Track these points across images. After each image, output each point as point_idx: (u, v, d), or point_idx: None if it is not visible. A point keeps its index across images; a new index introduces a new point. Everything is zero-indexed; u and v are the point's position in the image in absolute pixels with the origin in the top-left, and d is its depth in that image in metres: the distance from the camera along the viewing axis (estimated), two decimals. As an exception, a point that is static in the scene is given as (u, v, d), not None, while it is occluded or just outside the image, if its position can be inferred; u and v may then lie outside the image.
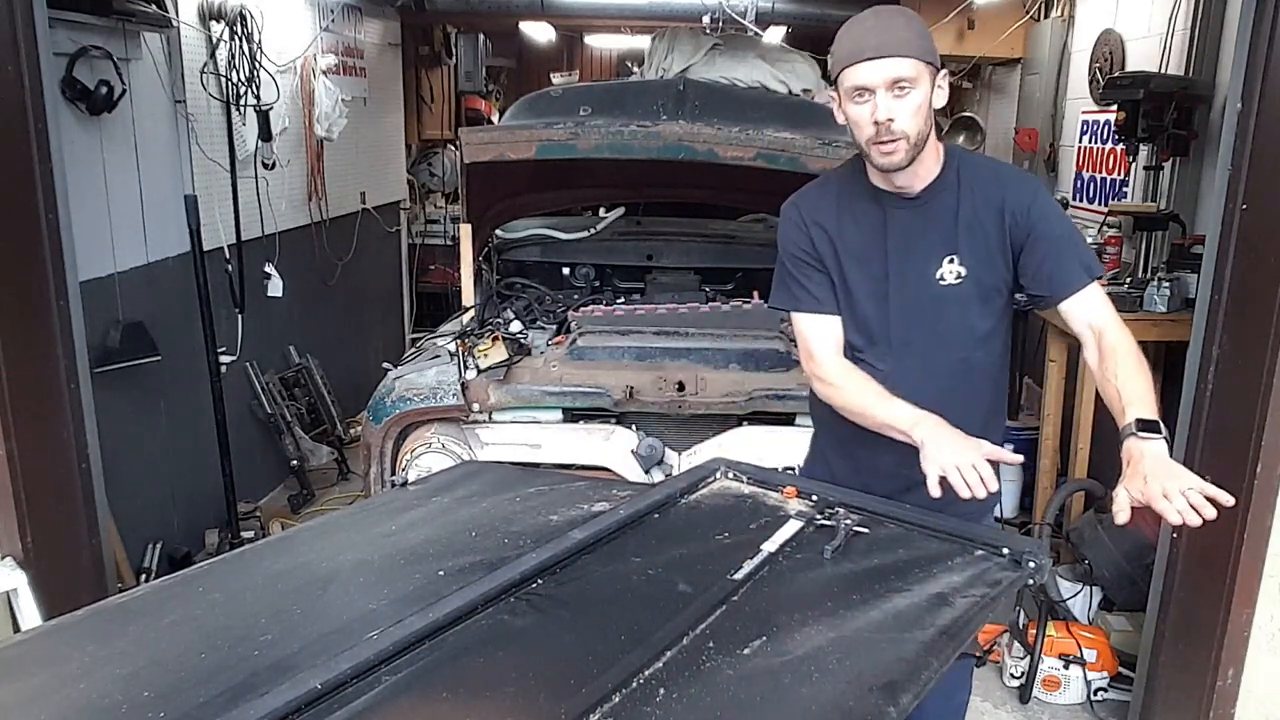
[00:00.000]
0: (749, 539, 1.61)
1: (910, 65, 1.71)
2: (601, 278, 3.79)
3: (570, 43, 9.76)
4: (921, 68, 1.72)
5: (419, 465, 2.68)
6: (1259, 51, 2.24)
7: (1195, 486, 1.54)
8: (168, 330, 3.59)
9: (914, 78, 1.71)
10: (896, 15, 1.77)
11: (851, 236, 1.91)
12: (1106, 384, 1.73)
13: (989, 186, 1.86)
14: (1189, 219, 3.67)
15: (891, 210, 1.88)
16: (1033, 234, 1.81)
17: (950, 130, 5.84)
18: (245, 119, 4.11)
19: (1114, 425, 1.69)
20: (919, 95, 1.73)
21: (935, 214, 1.86)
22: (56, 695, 1.23)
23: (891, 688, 1.18)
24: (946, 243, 1.85)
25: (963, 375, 1.92)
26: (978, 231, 1.84)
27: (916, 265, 1.87)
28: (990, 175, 1.90)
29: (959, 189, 1.85)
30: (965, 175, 1.87)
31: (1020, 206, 1.82)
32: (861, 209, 1.90)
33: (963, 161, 1.90)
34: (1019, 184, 1.88)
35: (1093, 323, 1.80)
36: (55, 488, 2.35)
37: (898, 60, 1.70)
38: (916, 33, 1.75)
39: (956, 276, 1.85)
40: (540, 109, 3.39)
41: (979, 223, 1.84)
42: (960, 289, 1.86)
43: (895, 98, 1.71)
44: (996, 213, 1.83)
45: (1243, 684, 2.41)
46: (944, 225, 1.85)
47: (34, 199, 2.23)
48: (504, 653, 1.30)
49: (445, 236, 7.07)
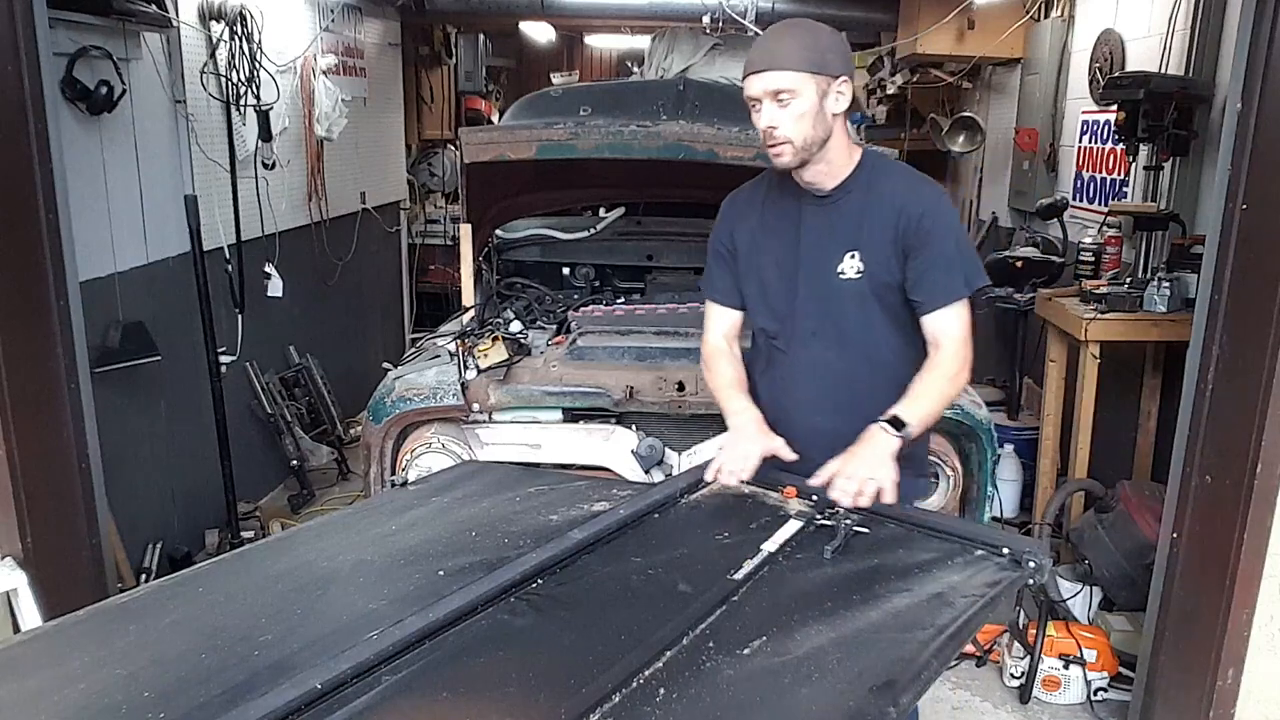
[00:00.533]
0: (749, 539, 1.61)
1: (790, 78, 1.86)
2: (601, 278, 3.78)
3: (570, 43, 9.76)
4: (804, 79, 1.87)
5: (419, 465, 2.68)
6: (1259, 51, 2.24)
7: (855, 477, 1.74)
8: (168, 330, 3.59)
9: (794, 89, 1.87)
10: (789, 31, 1.94)
11: (771, 229, 2.07)
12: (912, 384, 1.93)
13: (893, 190, 1.98)
14: (1189, 219, 3.67)
15: (805, 207, 2.02)
16: (920, 243, 1.94)
17: (950, 130, 5.84)
18: (245, 119, 4.11)
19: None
20: (801, 104, 1.88)
21: (842, 211, 1.99)
22: (56, 695, 1.23)
23: (891, 688, 1.18)
24: (849, 239, 1.98)
25: (863, 370, 2.04)
26: (877, 231, 1.96)
27: (821, 259, 2.00)
28: (897, 180, 2.02)
29: (867, 190, 1.98)
30: (875, 178, 2.00)
31: (914, 213, 1.94)
32: (783, 204, 2.06)
33: (876, 165, 2.03)
34: (919, 192, 1.99)
35: (938, 337, 1.95)
36: (55, 488, 2.35)
37: (776, 73, 1.87)
38: (804, 46, 1.89)
39: (856, 272, 1.98)
40: (540, 109, 3.39)
41: (879, 223, 1.96)
42: (858, 284, 1.98)
43: (779, 107, 1.88)
44: (894, 215, 1.95)
45: (1243, 684, 2.41)
46: (848, 223, 1.99)
47: (34, 199, 2.23)
48: (504, 653, 1.31)
49: (445, 236, 7.08)
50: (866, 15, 5.94)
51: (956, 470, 2.70)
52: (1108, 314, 3.53)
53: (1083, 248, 4.09)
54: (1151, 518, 3.14)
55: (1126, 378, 3.88)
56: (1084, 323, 3.52)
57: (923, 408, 1.88)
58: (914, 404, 1.87)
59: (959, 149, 5.87)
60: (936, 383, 1.93)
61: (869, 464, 1.76)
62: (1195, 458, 2.46)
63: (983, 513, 2.79)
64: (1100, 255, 4.02)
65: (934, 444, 2.69)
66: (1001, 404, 4.68)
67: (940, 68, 5.83)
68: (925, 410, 1.89)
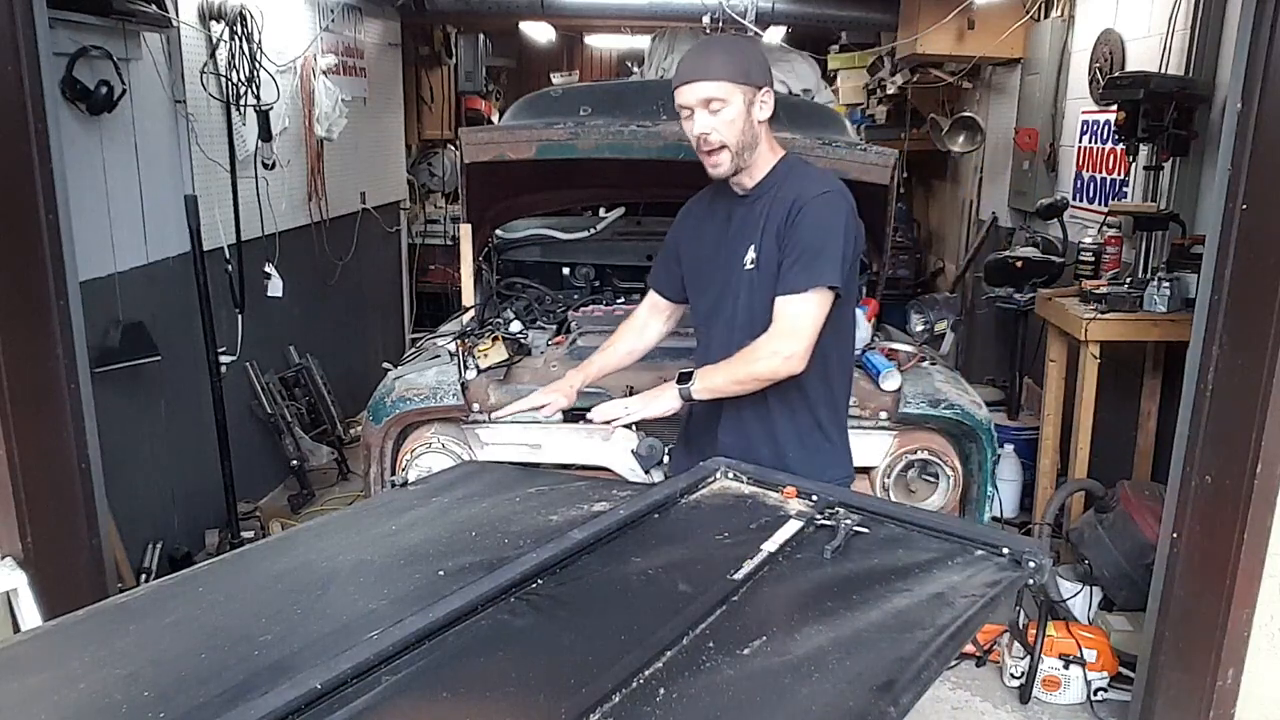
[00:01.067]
0: (749, 539, 1.61)
1: (716, 87, 1.98)
2: (601, 278, 3.78)
3: (570, 43, 9.77)
4: (732, 88, 1.99)
5: (419, 465, 2.68)
6: (1259, 51, 2.24)
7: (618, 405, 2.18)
8: (168, 330, 3.59)
9: (723, 96, 1.99)
10: (717, 44, 2.14)
11: (705, 227, 2.25)
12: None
13: (794, 188, 2.07)
14: (1189, 219, 3.67)
15: (731, 206, 2.18)
16: (789, 233, 2.04)
17: (950, 130, 5.84)
18: (245, 119, 4.11)
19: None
20: (731, 110, 2.00)
21: (754, 209, 2.12)
22: (56, 695, 1.23)
23: (891, 688, 1.18)
24: (751, 234, 2.11)
25: None
26: (771, 225, 2.07)
27: (733, 254, 2.14)
28: (801, 180, 2.10)
29: (776, 190, 2.09)
30: (787, 178, 2.10)
31: (796, 207, 2.03)
32: (720, 204, 2.22)
33: (793, 168, 2.14)
34: (808, 189, 2.06)
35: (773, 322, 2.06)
36: (55, 488, 2.35)
37: (705, 83, 1.99)
38: (731, 59, 2.02)
39: (751, 262, 2.11)
40: (540, 109, 3.39)
41: (775, 218, 2.07)
42: (753, 274, 2.10)
43: (710, 114, 2.00)
44: (786, 207, 2.06)
45: (1243, 684, 2.41)
46: (755, 219, 2.11)
47: (34, 199, 2.23)
48: (504, 653, 1.30)
49: (445, 236, 7.07)
50: (866, 15, 5.94)
51: (956, 470, 2.70)
52: (1108, 314, 3.54)
53: (1083, 248, 4.09)
54: (1151, 518, 3.14)
55: (1126, 378, 3.88)
56: (1084, 323, 3.52)
57: (714, 375, 2.09)
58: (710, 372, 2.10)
59: (959, 149, 5.87)
60: (736, 364, 2.07)
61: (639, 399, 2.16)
62: (1195, 458, 2.46)
63: (983, 513, 2.79)
64: (1100, 255, 4.02)
65: (934, 444, 2.70)
66: (1001, 404, 4.68)
67: (940, 68, 5.83)
68: (715, 378, 2.09)
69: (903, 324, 5.71)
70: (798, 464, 2.12)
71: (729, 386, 2.09)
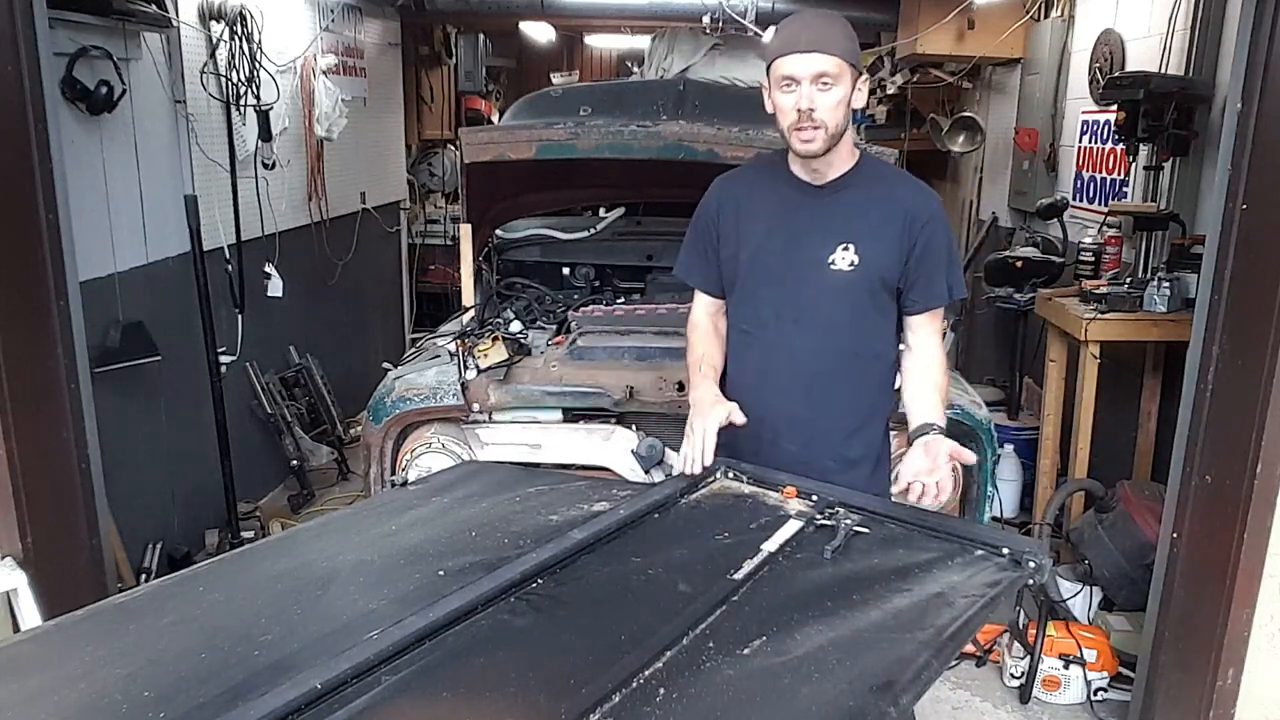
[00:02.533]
0: (749, 539, 1.61)
1: (835, 63, 1.87)
2: (601, 278, 3.78)
3: (570, 43, 9.76)
4: (845, 67, 1.89)
5: (419, 465, 2.68)
6: (1259, 51, 2.24)
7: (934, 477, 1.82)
8: (168, 330, 3.59)
9: (837, 74, 1.88)
10: (830, 18, 1.95)
11: (760, 215, 2.06)
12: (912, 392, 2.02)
13: (896, 189, 2.03)
14: (1189, 219, 3.67)
15: (800, 196, 2.03)
16: (924, 245, 1.98)
17: (950, 130, 5.84)
18: (245, 119, 4.11)
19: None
20: (840, 91, 1.89)
21: (839, 204, 2.01)
22: (56, 695, 1.23)
23: (891, 688, 1.18)
24: (844, 231, 1.99)
25: (842, 362, 2.05)
26: (878, 226, 1.99)
27: (812, 249, 2.00)
28: (901, 181, 2.07)
29: (866, 186, 2.02)
30: (874, 175, 2.04)
31: (923, 216, 1.98)
32: (775, 191, 2.06)
33: (875, 164, 2.08)
34: (925, 195, 2.04)
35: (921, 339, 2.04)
36: (55, 488, 2.35)
37: (824, 56, 1.87)
38: (845, 36, 1.92)
39: (849, 264, 1.98)
40: (540, 109, 3.39)
41: (881, 218, 1.99)
42: (851, 276, 1.99)
43: (819, 90, 1.88)
44: (901, 214, 1.98)
45: (1243, 684, 2.41)
46: (845, 215, 2.00)
47: (34, 199, 2.23)
48: (504, 653, 1.30)
49: (445, 236, 7.07)
50: (866, 15, 5.93)
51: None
52: (1108, 314, 3.54)
53: (1083, 248, 4.09)
54: (1151, 518, 3.14)
55: (1126, 378, 3.88)
56: (1084, 323, 3.52)
57: (941, 406, 1.99)
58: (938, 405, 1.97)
59: (959, 149, 5.87)
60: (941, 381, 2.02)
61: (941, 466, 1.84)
62: (1195, 458, 2.46)
63: (983, 513, 2.79)
64: (1100, 255, 4.02)
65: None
66: (1001, 404, 4.68)
67: (940, 68, 5.83)
68: (942, 407, 2.00)
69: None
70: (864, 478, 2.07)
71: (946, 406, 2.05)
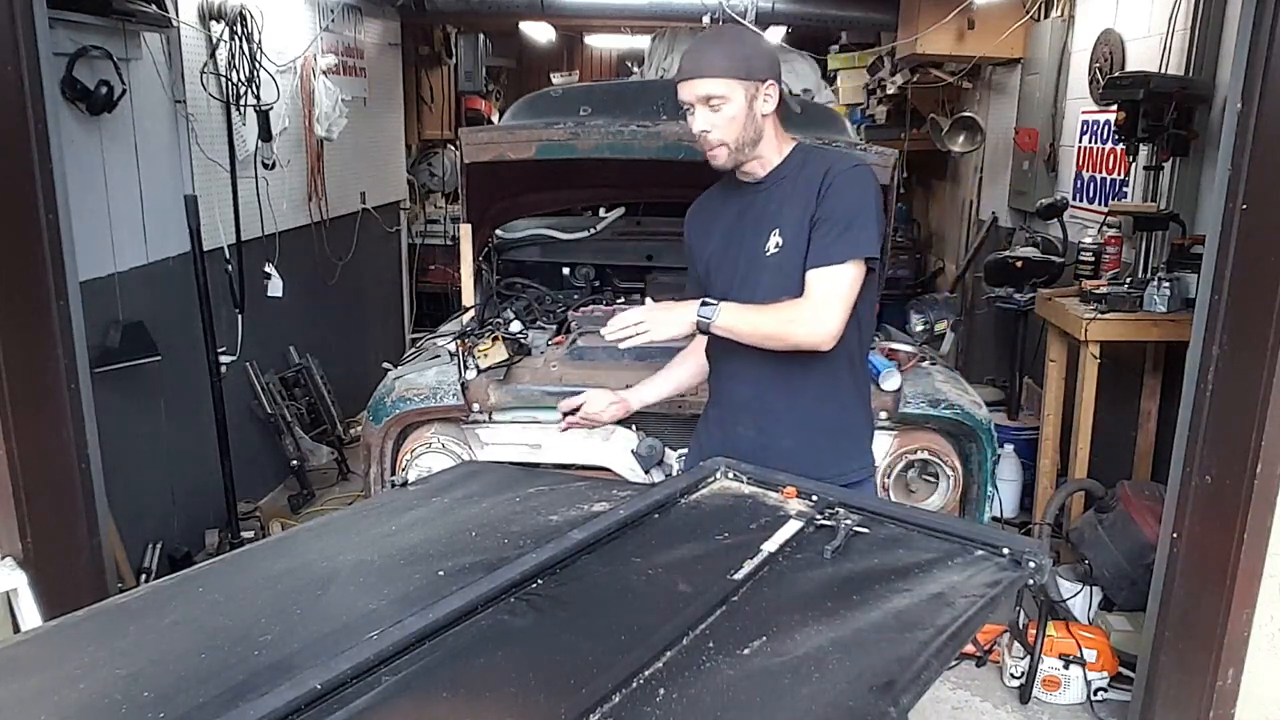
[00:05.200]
0: (749, 539, 1.61)
1: (718, 84, 1.95)
2: (601, 278, 3.79)
3: (570, 43, 9.76)
4: (733, 83, 1.95)
5: (419, 465, 2.68)
6: (1259, 51, 2.23)
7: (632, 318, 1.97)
8: (168, 330, 3.59)
9: (724, 93, 1.95)
10: (717, 39, 2.05)
11: (722, 221, 2.18)
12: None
13: (817, 170, 2.03)
14: (1189, 219, 3.67)
15: (740, 197, 2.14)
16: (824, 206, 2.00)
17: (950, 130, 5.84)
18: (245, 119, 4.11)
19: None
20: (731, 108, 1.96)
21: (772, 196, 2.08)
22: (56, 695, 1.22)
23: (891, 688, 1.18)
24: (774, 219, 2.06)
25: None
26: (797, 208, 2.03)
27: (753, 241, 2.09)
28: (822, 160, 2.07)
29: (795, 174, 2.06)
30: (806, 162, 2.07)
31: (825, 183, 1.99)
32: (732, 197, 2.17)
33: (809, 153, 2.11)
34: (836, 165, 2.04)
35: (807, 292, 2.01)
36: (55, 488, 2.35)
37: (704, 80, 1.96)
38: (731, 54, 1.97)
39: (775, 247, 2.05)
40: (540, 109, 3.39)
41: (803, 200, 2.02)
42: (777, 258, 2.04)
43: (711, 110, 1.97)
44: (812, 189, 2.02)
45: (1243, 684, 2.41)
46: (775, 205, 2.07)
47: (34, 199, 2.23)
48: (504, 653, 1.30)
49: (445, 236, 7.07)
50: (866, 15, 5.94)
51: (956, 470, 2.70)
52: (1108, 314, 3.54)
53: (1083, 248, 4.09)
54: (1151, 518, 3.14)
55: (1126, 378, 3.88)
56: (1084, 323, 3.52)
57: (741, 315, 1.98)
58: (739, 309, 1.98)
59: (959, 149, 5.87)
60: (766, 314, 1.99)
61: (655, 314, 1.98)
62: (1195, 458, 2.46)
63: (983, 513, 2.79)
64: (1100, 255, 4.02)
65: (934, 444, 2.70)
66: (1001, 404, 4.69)
67: (940, 68, 5.83)
68: (741, 318, 1.98)
69: (903, 324, 5.72)
70: (826, 454, 2.11)
71: (751, 333, 1.99)
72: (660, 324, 1.98)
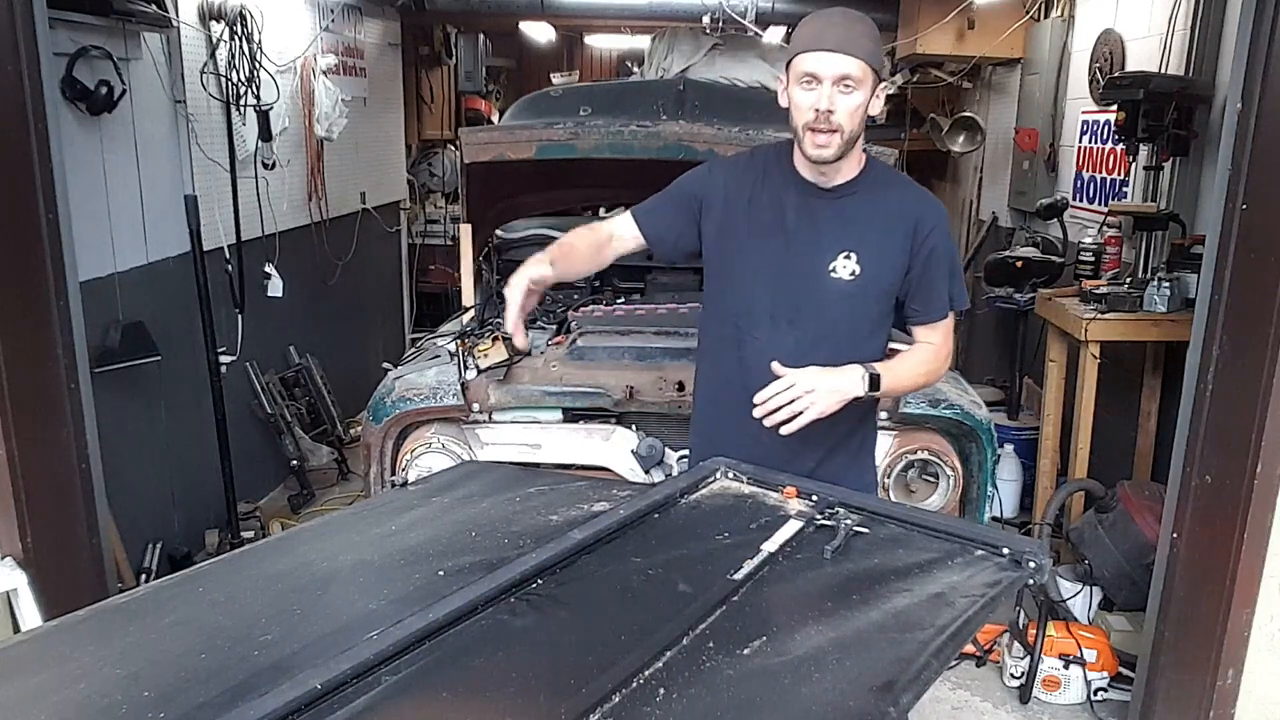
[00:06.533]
0: (749, 539, 1.61)
1: (860, 66, 1.82)
2: (601, 278, 3.78)
3: (570, 43, 9.77)
4: (869, 72, 1.84)
5: (419, 465, 2.68)
6: (1259, 51, 2.24)
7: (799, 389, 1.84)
8: (168, 330, 3.59)
9: (860, 78, 1.83)
10: (859, 20, 1.89)
11: (760, 209, 2.00)
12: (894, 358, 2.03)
13: (903, 199, 1.99)
14: (1189, 219, 3.67)
15: (804, 197, 1.98)
16: (928, 255, 1.96)
17: (950, 130, 5.84)
18: (245, 119, 4.11)
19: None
20: (861, 95, 1.84)
21: (843, 210, 1.96)
22: (56, 695, 1.22)
23: (891, 688, 1.18)
24: (846, 239, 1.95)
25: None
26: (883, 236, 1.96)
27: (814, 253, 1.96)
28: (907, 190, 2.03)
29: (872, 192, 1.97)
30: (881, 182, 1.99)
31: (928, 226, 1.96)
32: (778, 187, 2.00)
33: (883, 170, 2.03)
34: (931, 205, 2.02)
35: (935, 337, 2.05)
36: (55, 488, 2.35)
37: (850, 59, 1.81)
38: (872, 39, 1.87)
39: (850, 273, 1.95)
40: (540, 109, 3.39)
41: (886, 228, 1.96)
42: (852, 285, 1.96)
43: (840, 92, 1.83)
44: (906, 224, 1.95)
45: (1243, 684, 2.41)
46: (848, 222, 1.96)
47: (34, 199, 2.23)
48: (504, 653, 1.30)
49: (445, 236, 7.07)
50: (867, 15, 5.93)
51: (956, 470, 2.70)
52: (1108, 314, 3.54)
53: (1083, 248, 4.09)
54: (1151, 518, 3.14)
55: (1126, 378, 3.88)
56: (1084, 323, 3.52)
57: (898, 378, 1.96)
58: (892, 372, 1.94)
59: (959, 149, 5.87)
60: (915, 366, 2.01)
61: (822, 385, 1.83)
62: (1195, 458, 2.46)
63: (983, 513, 2.79)
64: (1100, 255, 4.02)
65: (934, 444, 2.70)
66: (1001, 404, 4.69)
67: (940, 68, 5.83)
68: (899, 382, 1.98)
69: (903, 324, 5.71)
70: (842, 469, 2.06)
71: (906, 387, 2.05)
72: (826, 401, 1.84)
